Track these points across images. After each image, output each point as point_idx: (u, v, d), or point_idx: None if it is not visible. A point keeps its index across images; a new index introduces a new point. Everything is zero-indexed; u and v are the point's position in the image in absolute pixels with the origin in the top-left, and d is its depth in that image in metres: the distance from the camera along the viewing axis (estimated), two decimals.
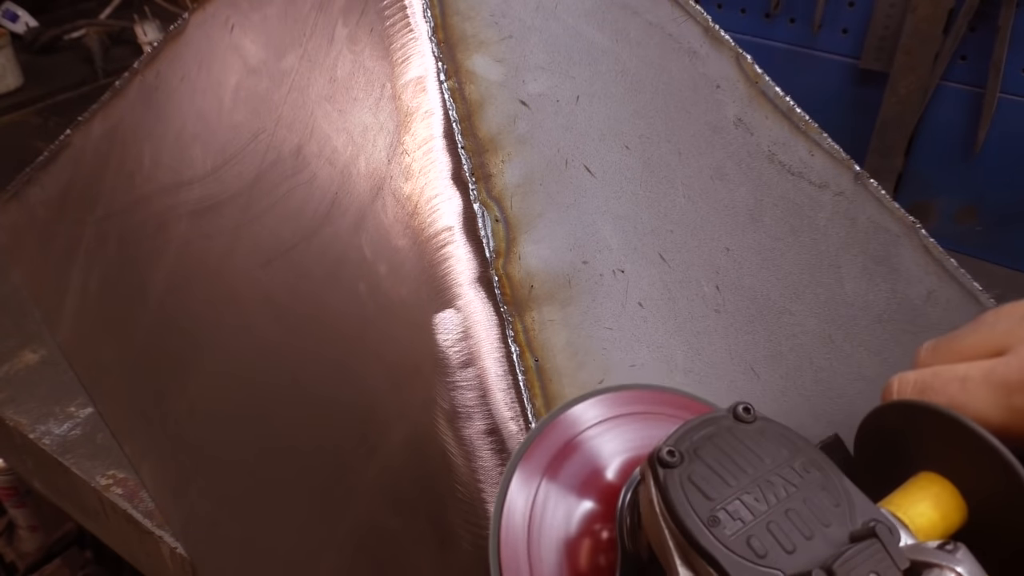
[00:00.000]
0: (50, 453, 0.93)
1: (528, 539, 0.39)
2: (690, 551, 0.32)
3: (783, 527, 0.32)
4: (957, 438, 0.35)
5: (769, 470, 0.34)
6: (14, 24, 2.10)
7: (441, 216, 0.61)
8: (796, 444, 0.36)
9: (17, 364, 1.05)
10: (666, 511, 0.33)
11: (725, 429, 0.36)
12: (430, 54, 0.64)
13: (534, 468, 0.41)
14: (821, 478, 0.34)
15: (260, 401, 0.77)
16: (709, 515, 0.32)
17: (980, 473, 0.35)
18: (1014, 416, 0.34)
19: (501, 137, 0.63)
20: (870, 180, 0.82)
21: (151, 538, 0.86)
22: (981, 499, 0.35)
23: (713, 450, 0.34)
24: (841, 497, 0.33)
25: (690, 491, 0.33)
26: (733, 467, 0.34)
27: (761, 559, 0.31)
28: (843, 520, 0.32)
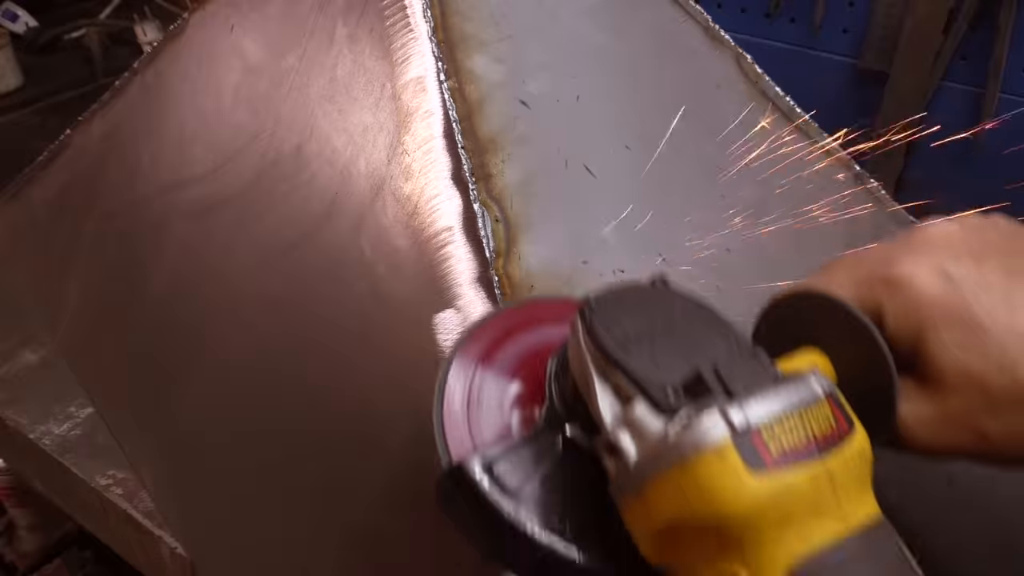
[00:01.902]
0: (50, 453, 0.93)
1: (467, 408, 0.46)
2: (605, 365, 0.39)
3: (681, 350, 0.39)
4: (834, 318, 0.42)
5: (672, 319, 0.42)
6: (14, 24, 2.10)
7: (441, 216, 0.61)
8: (700, 303, 0.43)
9: (17, 364, 1.05)
10: (587, 337, 0.40)
11: (642, 291, 0.44)
12: (430, 54, 0.64)
13: (470, 358, 0.48)
14: (717, 325, 0.42)
15: (261, 400, 0.77)
16: (622, 342, 0.39)
17: (850, 344, 0.42)
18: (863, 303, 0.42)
19: (501, 137, 0.63)
20: (870, 180, 0.82)
21: (151, 538, 0.86)
22: (849, 368, 0.42)
23: (630, 302, 0.42)
24: (731, 339, 0.41)
25: (609, 326, 0.40)
26: (644, 314, 0.41)
27: (661, 364, 0.38)
28: (730, 351, 0.40)
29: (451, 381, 0.47)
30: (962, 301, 0.40)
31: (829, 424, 0.35)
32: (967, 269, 0.41)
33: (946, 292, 0.40)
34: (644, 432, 0.37)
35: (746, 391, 0.35)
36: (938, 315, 0.40)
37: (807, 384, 0.36)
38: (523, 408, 0.47)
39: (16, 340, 1.08)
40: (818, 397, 0.36)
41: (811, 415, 0.35)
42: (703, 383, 0.36)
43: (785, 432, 0.34)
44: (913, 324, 0.41)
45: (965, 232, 0.43)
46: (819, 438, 0.35)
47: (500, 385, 0.48)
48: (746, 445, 0.33)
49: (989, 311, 0.39)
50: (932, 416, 0.41)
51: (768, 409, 0.34)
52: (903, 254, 0.42)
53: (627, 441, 0.37)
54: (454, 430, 0.45)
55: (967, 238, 0.43)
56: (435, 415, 0.45)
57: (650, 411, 0.37)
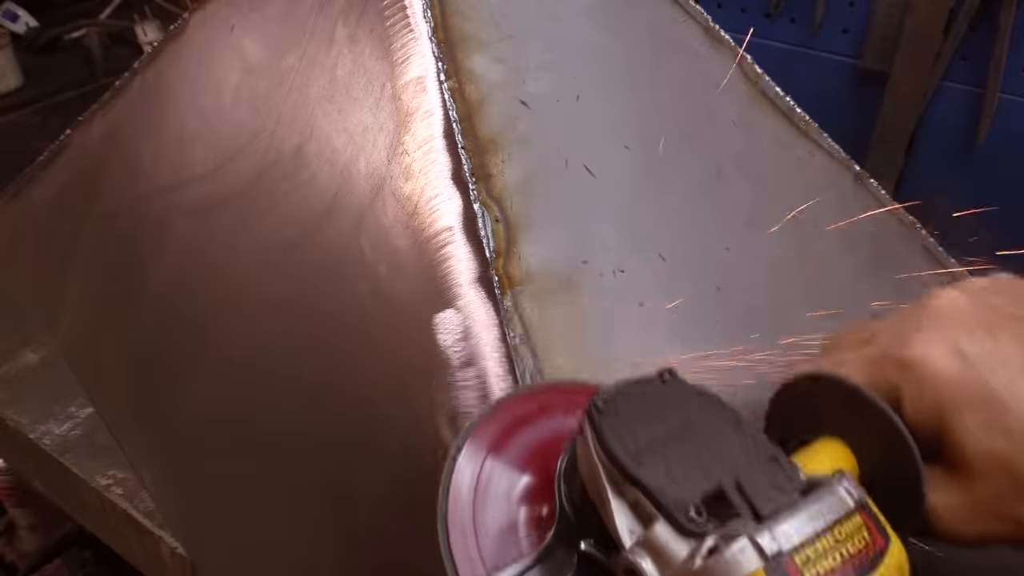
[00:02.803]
0: (50, 453, 0.93)
1: (474, 508, 0.44)
2: (620, 480, 0.37)
3: (699, 457, 0.37)
4: (852, 405, 0.41)
5: (686, 419, 0.39)
6: (14, 24, 2.10)
7: (441, 216, 0.61)
8: (711, 400, 0.41)
9: (17, 364, 1.05)
10: (599, 447, 0.38)
11: (651, 388, 0.41)
12: (430, 54, 0.64)
13: (481, 445, 0.46)
14: (731, 425, 0.39)
15: (261, 400, 0.77)
16: (635, 452, 0.37)
17: (870, 433, 0.40)
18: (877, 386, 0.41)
19: (501, 137, 0.64)
20: (870, 180, 0.82)
21: (151, 538, 0.86)
22: (871, 457, 0.41)
23: (640, 403, 0.40)
24: (747, 440, 0.39)
25: (620, 434, 0.38)
26: (656, 416, 0.39)
27: (679, 477, 0.36)
28: (748, 455, 0.38)
29: (460, 467, 0.44)
30: (980, 379, 0.38)
31: (864, 540, 0.34)
32: (982, 345, 0.39)
33: (963, 371, 0.39)
34: (667, 557, 0.34)
35: (774, 512, 0.33)
36: (959, 396, 0.38)
37: (836, 495, 0.34)
38: (531, 504, 0.45)
39: (16, 340, 1.08)
40: (849, 509, 0.34)
41: (845, 532, 0.33)
42: (727, 500, 0.34)
43: (820, 556, 0.32)
44: (933, 408, 0.39)
45: (972, 302, 0.41)
46: (856, 558, 0.33)
47: (510, 477, 0.45)
48: (779, 574, 0.32)
49: (1008, 387, 0.38)
50: (963, 504, 0.39)
51: (799, 531, 0.33)
52: (914, 332, 0.41)
53: (650, 568, 0.35)
54: (460, 537, 0.42)
55: (976, 309, 0.41)
56: (440, 516, 0.43)
57: (672, 533, 0.35)
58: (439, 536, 0.42)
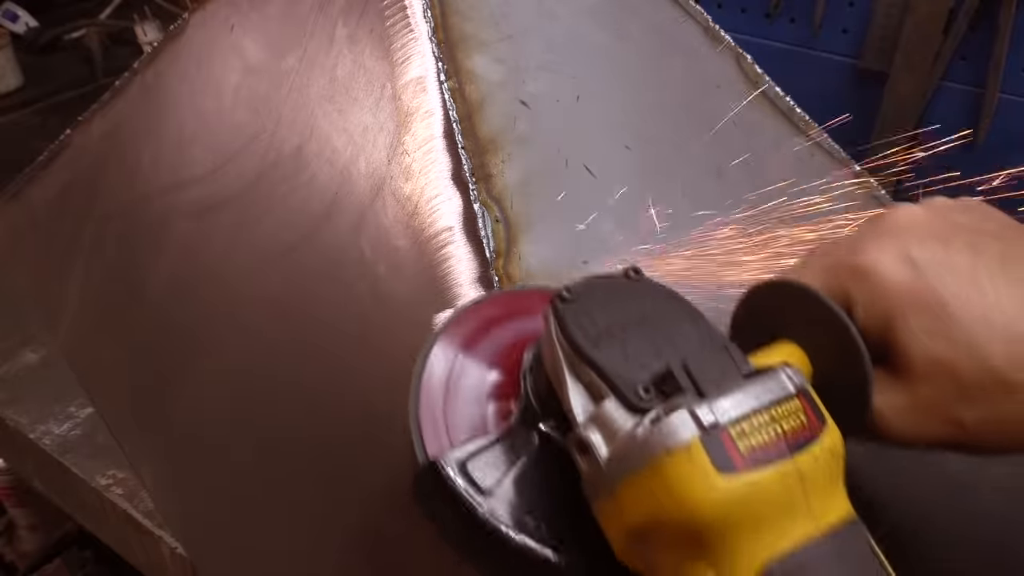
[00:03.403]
0: (50, 453, 0.93)
1: (445, 397, 0.46)
2: (577, 361, 0.39)
3: (653, 343, 0.39)
4: (807, 310, 0.42)
5: (645, 310, 0.41)
6: (14, 24, 2.10)
7: (441, 216, 0.61)
8: (673, 294, 0.43)
9: (17, 364, 1.05)
10: (559, 331, 0.40)
11: (616, 282, 0.43)
12: (430, 54, 0.64)
13: (452, 342, 0.48)
14: (689, 316, 0.41)
15: (260, 401, 0.77)
16: (594, 336, 0.39)
17: (824, 336, 0.41)
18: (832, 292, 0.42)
19: (501, 137, 0.64)
20: (870, 180, 0.82)
21: (151, 538, 0.86)
22: (824, 360, 0.42)
23: (603, 294, 0.42)
24: (702, 331, 0.40)
25: (580, 320, 0.40)
26: (617, 306, 0.41)
27: (632, 360, 0.38)
28: (701, 343, 0.39)
29: (432, 364, 0.47)
30: (928, 286, 0.39)
31: (800, 421, 0.35)
32: (932, 253, 0.40)
33: (912, 278, 0.39)
34: (615, 430, 0.36)
35: (717, 389, 0.35)
36: (905, 302, 0.39)
37: (777, 380, 0.36)
38: (500, 400, 0.47)
39: (16, 340, 1.08)
40: (789, 393, 0.35)
41: (781, 412, 0.35)
42: (674, 380, 0.36)
43: (755, 431, 0.34)
44: (881, 312, 0.40)
45: (931, 214, 0.42)
46: (789, 436, 0.34)
47: (480, 374, 0.47)
48: (715, 445, 0.33)
49: (955, 294, 0.39)
50: (905, 406, 0.40)
51: (738, 407, 0.34)
52: (868, 241, 0.42)
53: (598, 440, 0.37)
54: (430, 421, 0.45)
55: (933, 221, 0.42)
56: (411, 403, 0.45)
57: (621, 409, 0.37)
58: (411, 427, 0.44)
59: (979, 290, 0.39)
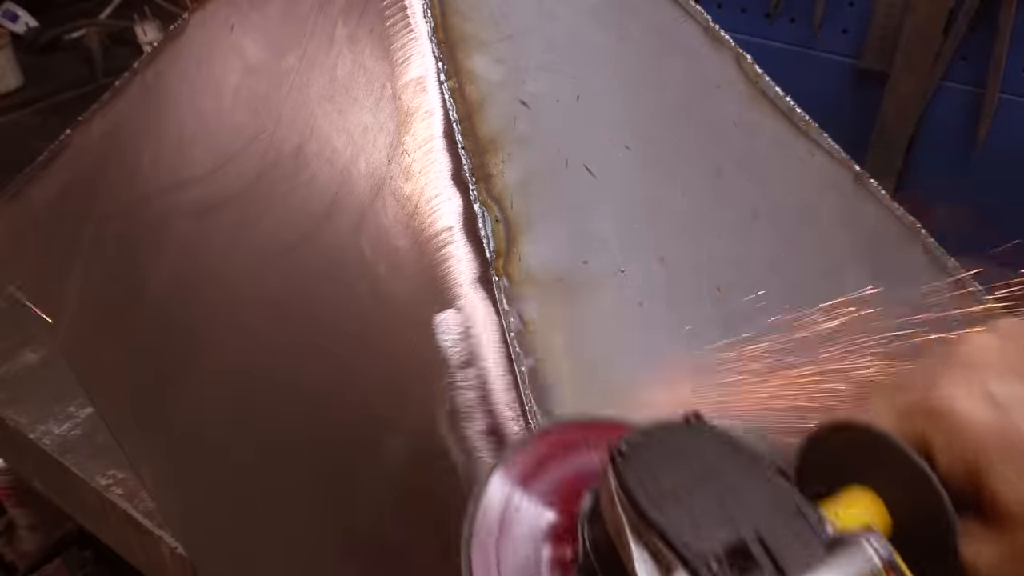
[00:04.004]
0: (50, 453, 0.93)
1: (499, 535, 0.43)
2: (641, 526, 0.36)
3: (722, 506, 0.36)
4: (882, 455, 0.40)
5: (710, 465, 0.39)
6: (14, 24, 2.10)
7: (441, 216, 0.61)
8: (737, 445, 0.40)
9: (17, 364, 1.05)
10: (621, 493, 0.37)
11: (676, 431, 0.41)
12: (430, 54, 0.64)
13: (511, 476, 0.45)
14: (757, 473, 0.39)
15: (260, 401, 0.77)
16: (657, 497, 0.37)
17: (900, 483, 0.39)
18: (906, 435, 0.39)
19: (501, 137, 0.63)
20: (870, 180, 0.82)
21: (151, 538, 0.86)
22: (902, 508, 0.39)
23: (664, 447, 0.39)
24: (773, 489, 0.38)
25: (642, 478, 0.37)
26: (679, 462, 0.39)
27: (703, 528, 0.35)
28: (773, 505, 0.37)
29: (489, 495, 0.44)
30: (1013, 426, 0.37)
31: None
32: (1012, 387, 0.38)
33: (995, 417, 0.37)
34: None
35: (797, 567, 0.33)
36: (991, 446, 0.37)
37: (861, 551, 0.33)
38: (555, 543, 0.44)
39: (16, 340, 1.08)
40: (876, 568, 0.33)
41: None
42: (749, 554, 0.34)
43: None
44: (965, 457, 0.38)
45: (1004, 344, 0.40)
46: None
47: (536, 512, 0.44)
48: None
49: None
50: (1000, 556, 0.38)
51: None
52: (943, 378, 0.39)
53: None
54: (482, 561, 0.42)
55: (1007, 350, 0.40)
56: (464, 541, 0.42)
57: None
58: (462, 560, 0.42)
59: None
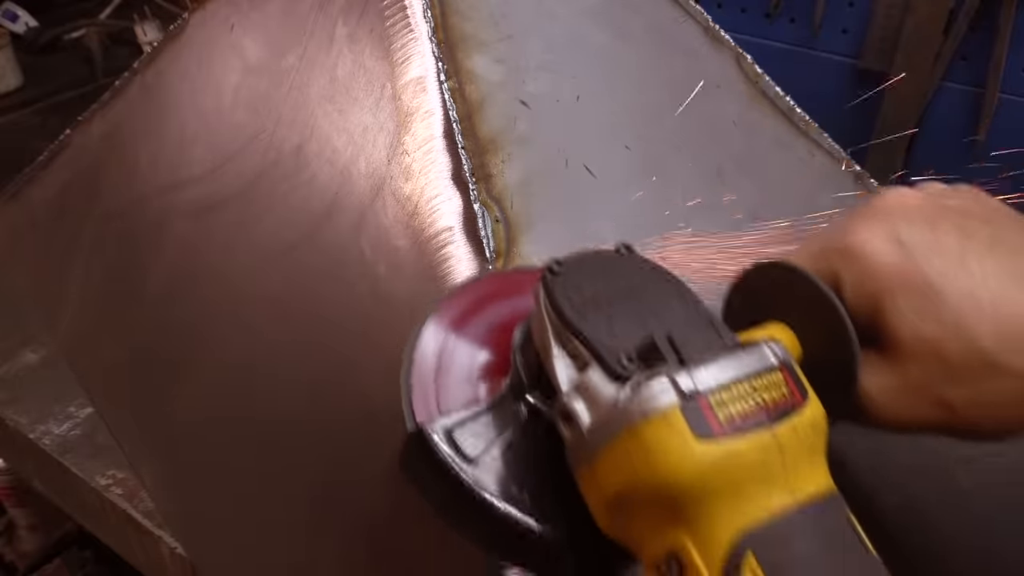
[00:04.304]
0: (50, 453, 0.93)
1: (436, 373, 0.46)
2: (563, 331, 0.39)
3: (639, 316, 0.39)
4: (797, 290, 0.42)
5: (634, 285, 0.41)
6: (14, 24, 2.10)
7: (441, 216, 0.61)
8: (663, 271, 0.43)
9: (17, 364, 1.05)
10: (547, 302, 0.40)
11: (607, 257, 0.44)
12: (430, 54, 0.64)
13: (444, 322, 0.48)
14: (678, 292, 0.41)
15: (260, 400, 0.77)
16: (580, 307, 0.39)
17: (812, 317, 0.41)
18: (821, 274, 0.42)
19: (501, 137, 0.64)
20: (870, 180, 0.82)
21: (151, 538, 0.86)
22: (813, 341, 0.42)
23: (593, 268, 0.42)
24: (689, 305, 0.40)
25: (568, 291, 0.40)
26: (605, 280, 0.41)
27: (617, 331, 0.38)
28: (687, 317, 0.39)
29: (424, 343, 0.47)
30: (916, 267, 0.39)
31: (781, 393, 0.35)
32: (920, 234, 0.40)
33: (900, 258, 0.39)
34: (597, 398, 0.37)
35: (698, 358, 0.35)
36: (893, 282, 0.39)
37: (760, 352, 0.36)
38: (491, 378, 0.47)
39: (16, 340, 1.08)
40: (771, 365, 0.35)
41: (763, 384, 0.35)
42: (657, 350, 0.36)
43: (735, 400, 0.34)
44: (869, 293, 0.40)
45: (922, 198, 0.42)
46: (770, 407, 0.34)
47: (471, 353, 0.48)
48: (694, 412, 0.33)
49: (943, 275, 0.38)
50: (893, 386, 0.40)
51: (718, 376, 0.34)
52: (858, 223, 0.42)
53: (581, 408, 0.37)
54: (421, 395, 0.45)
55: (923, 203, 0.42)
56: (403, 377, 0.45)
57: (604, 377, 0.37)
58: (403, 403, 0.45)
59: (967, 271, 0.39)
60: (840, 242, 0.42)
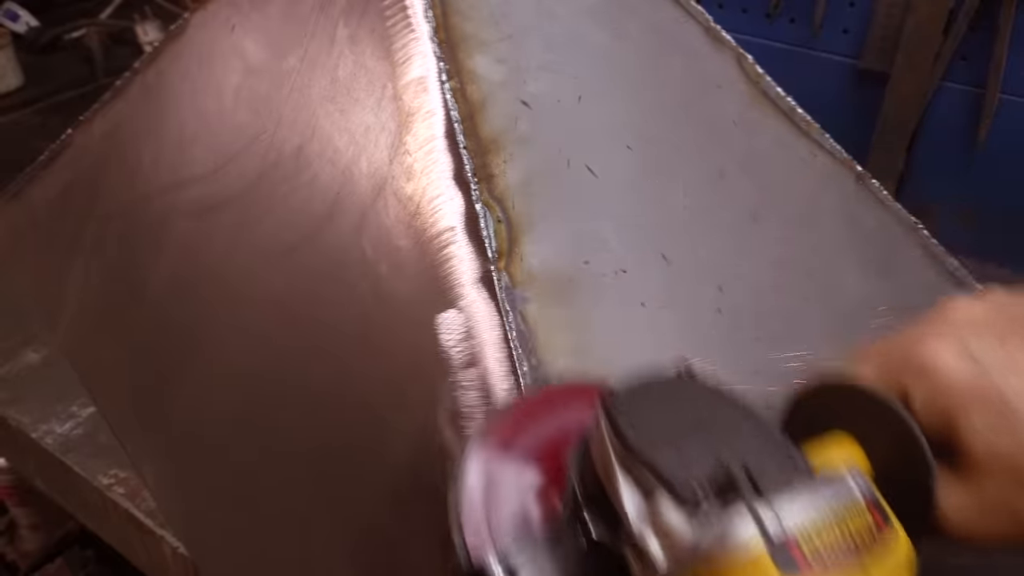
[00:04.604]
0: (52, 452, 0.93)
1: (486, 506, 0.44)
2: (629, 459, 0.37)
3: (709, 446, 0.37)
4: (865, 406, 0.41)
5: (702, 412, 0.40)
6: (15, 24, 2.10)
7: (443, 216, 0.61)
8: (728, 397, 0.41)
9: (19, 364, 1.05)
10: (610, 429, 0.38)
11: (668, 382, 0.42)
12: (431, 54, 0.64)
13: (489, 446, 0.46)
14: (747, 418, 0.40)
15: (261, 401, 0.77)
16: (647, 438, 0.37)
17: (882, 433, 0.40)
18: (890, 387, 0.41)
19: (503, 137, 0.64)
20: (872, 180, 0.82)
21: (153, 538, 0.86)
22: (883, 457, 0.41)
23: (655, 394, 0.40)
24: (759, 431, 0.39)
25: (632, 420, 0.38)
26: (669, 408, 0.40)
27: (690, 463, 0.36)
28: (758, 444, 0.38)
29: (471, 468, 0.45)
30: (990, 383, 0.39)
31: (868, 527, 0.33)
32: (992, 349, 0.40)
33: (974, 375, 0.39)
34: (670, 531, 0.35)
35: (777, 489, 0.33)
36: (967, 399, 0.39)
37: (843, 483, 0.34)
38: (544, 500, 0.45)
39: (18, 339, 1.08)
40: (855, 498, 0.34)
41: (849, 518, 0.33)
42: (733, 480, 0.34)
43: (821, 536, 0.32)
44: (942, 410, 0.39)
45: (989, 310, 0.42)
46: (858, 543, 0.33)
47: (520, 474, 0.45)
48: (780, 550, 0.31)
49: (1017, 391, 0.38)
50: (970, 504, 0.39)
51: (802, 511, 0.33)
52: (926, 337, 0.41)
53: (653, 542, 0.35)
54: (472, 522, 0.43)
55: (991, 316, 0.42)
56: (451, 506, 0.43)
57: (676, 508, 0.35)
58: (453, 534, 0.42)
59: None
60: (909, 356, 0.41)
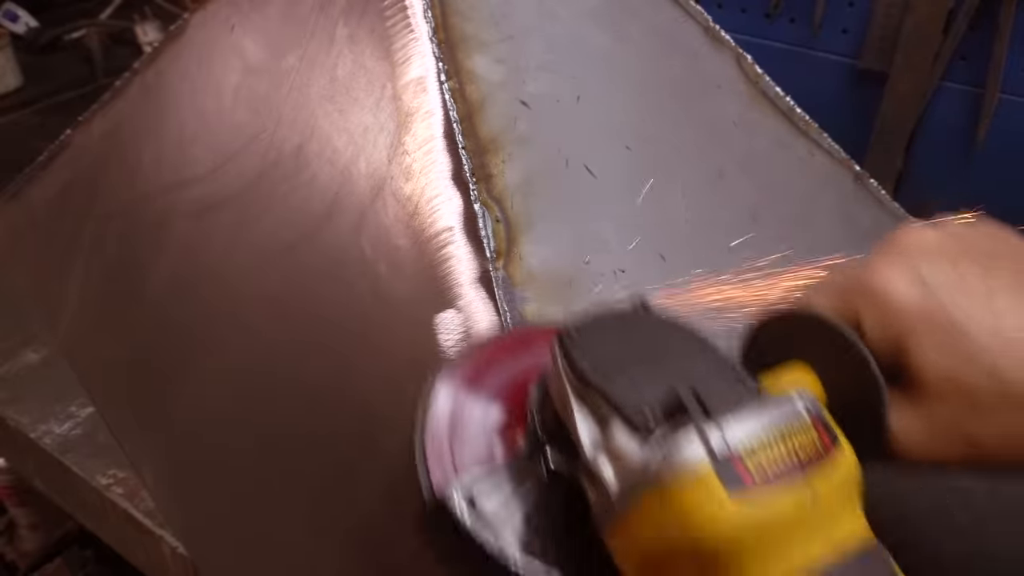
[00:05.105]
0: (51, 452, 0.93)
1: (450, 435, 0.46)
2: (584, 390, 0.38)
3: (661, 373, 0.38)
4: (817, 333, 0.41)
5: (655, 342, 0.41)
6: (14, 24, 2.10)
7: (442, 216, 0.61)
8: (682, 326, 0.42)
9: (18, 364, 1.05)
10: (566, 363, 0.39)
11: (623, 316, 0.43)
12: (431, 54, 0.64)
13: (456, 382, 0.48)
14: (699, 346, 0.40)
15: (260, 400, 0.77)
16: (601, 368, 0.38)
17: (835, 359, 0.41)
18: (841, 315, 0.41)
19: (502, 137, 0.64)
20: (870, 180, 0.82)
21: (152, 537, 0.86)
22: (837, 383, 0.41)
23: (609, 328, 0.41)
24: (711, 358, 0.40)
25: (587, 353, 0.39)
26: (624, 339, 0.41)
27: (642, 389, 0.37)
28: (709, 369, 0.39)
29: (436, 405, 0.46)
30: (940, 306, 0.39)
31: (812, 442, 0.34)
32: (943, 273, 0.40)
33: (923, 298, 0.39)
34: (622, 457, 0.36)
35: (725, 410, 0.34)
36: (917, 322, 0.39)
37: (790, 403, 0.35)
38: (507, 436, 0.46)
39: (17, 339, 1.08)
40: (802, 417, 0.35)
41: (795, 435, 0.34)
42: (682, 404, 0.35)
43: (767, 453, 0.33)
44: (893, 333, 0.40)
45: (942, 236, 0.42)
46: (803, 459, 0.33)
47: (485, 411, 0.47)
48: (725, 467, 0.32)
49: (968, 314, 0.38)
50: (921, 426, 0.40)
51: (748, 429, 0.33)
52: (878, 262, 0.41)
53: (606, 467, 0.36)
54: (436, 456, 0.44)
55: (944, 242, 0.41)
56: (417, 440, 0.45)
57: (627, 434, 0.36)
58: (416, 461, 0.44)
59: (991, 309, 0.38)
60: (860, 283, 0.41)
